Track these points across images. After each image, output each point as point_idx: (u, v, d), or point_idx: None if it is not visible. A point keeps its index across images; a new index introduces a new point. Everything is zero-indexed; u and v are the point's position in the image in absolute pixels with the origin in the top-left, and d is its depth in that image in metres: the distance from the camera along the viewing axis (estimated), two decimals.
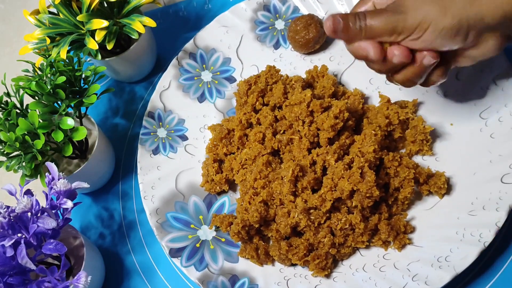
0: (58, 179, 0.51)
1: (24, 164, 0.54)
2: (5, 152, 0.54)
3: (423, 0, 0.45)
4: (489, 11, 0.44)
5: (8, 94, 0.58)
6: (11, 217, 0.48)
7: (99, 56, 0.64)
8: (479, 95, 0.58)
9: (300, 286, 0.54)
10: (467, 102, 0.59)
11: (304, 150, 0.56)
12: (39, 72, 0.58)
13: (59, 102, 0.57)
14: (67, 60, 0.59)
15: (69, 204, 0.50)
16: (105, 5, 0.64)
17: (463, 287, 0.53)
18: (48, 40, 0.61)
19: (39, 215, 0.49)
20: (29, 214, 0.49)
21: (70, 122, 0.55)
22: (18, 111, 0.57)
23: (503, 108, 0.57)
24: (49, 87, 0.55)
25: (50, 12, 0.64)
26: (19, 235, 0.49)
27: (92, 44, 0.61)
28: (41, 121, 0.55)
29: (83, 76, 0.59)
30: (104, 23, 0.60)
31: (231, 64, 0.70)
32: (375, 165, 0.55)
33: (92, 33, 0.61)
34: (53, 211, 0.51)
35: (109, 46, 0.62)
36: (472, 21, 0.44)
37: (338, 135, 0.56)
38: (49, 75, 0.56)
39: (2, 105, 0.57)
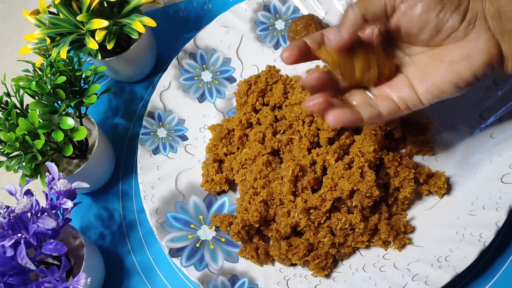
0: (58, 179, 0.51)
1: (24, 164, 0.54)
2: (5, 152, 0.54)
3: None
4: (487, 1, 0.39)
5: (8, 94, 0.58)
6: (11, 217, 0.48)
7: (99, 56, 0.64)
8: (479, 95, 0.58)
9: (300, 286, 0.54)
10: (467, 102, 0.59)
11: (304, 150, 0.56)
12: (39, 72, 0.58)
13: (59, 102, 0.57)
14: (67, 60, 0.59)
15: (69, 204, 0.50)
16: (105, 5, 0.64)
17: (463, 287, 0.53)
18: (48, 40, 0.61)
19: (39, 215, 0.49)
20: (29, 214, 0.49)
21: (70, 122, 0.55)
22: (18, 111, 0.57)
23: (503, 108, 0.57)
24: (49, 87, 0.55)
25: (50, 12, 0.64)
26: (19, 235, 0.49)
27: (92, 44, 0.61)
28: (41, 121, 0.55)
29: (83, 76, 0.59)
30: (104, 23, 0.60)
31: (231, 64, 0.70)
32: (375, 165, 0.55)
33: (92, 33, 0.61)
34: (53, 211, 0.51)
35: (109, 46, 0.62)
36: (474, 0, 0.39)
37: (338, 135, 0.56)
38: (49, 75, 0.56)
39: (2, 105, 0.57)
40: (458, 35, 0.41)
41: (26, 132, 0.54)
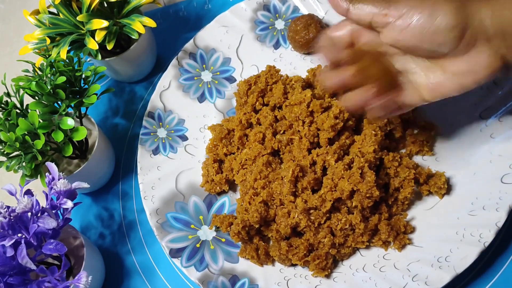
0: (58, 179, 0.51)
1: (24, 164, 0.54)
2: (5, 152, 0.54)
3: None
4: (488, 13, 0.39)
5: (8, 94, 0.58)
6: (11, 217, 0.48)
7: (99, 56, 0.64)
8: (479, 95, 0.58)
9: (300, 286, 0.54)
10: (467, 102, 0.59)
11: (304, 150, 0.56)
12: (39, 72, 0.58)
13: (59, 102, 0.57)
14: (67, 60, 0.59)
15: (69, 204, 0.50)
16: (105, 5, 0.64)
17: (463, 287, 0.53)
18: (48, 40, 0.61)
19: (39, 215, 0.49)
20: (29, 214, 0.49)
21: (70, 122, 0.55)
22: (18, 111, 0.57)
23: (503, 108, 0.57)
24: (49, 87, 0.55)
25: (50, 12, 0.64)
26: (19, 235, 0.49)
27: (92, 44, 0.61)
28: (41, 121, 0.55)
29: (83, 76, 0.59)
30: (104, 23, 0.60)
31: (231, 64, 0.70)
32: (375, 165, 0.55)
33: (92, 33, 0.61)
34: (53, 211, 0.51)
35: (109, 46, 0.62)
36: (472, 18, 0.39)
37: (338, 135, 0.56)
38: (49, 75, 0.56)
39: (2, 105, 0.57)
40: (458, 52, 0.41)
41: (26, 132, 0.54)
